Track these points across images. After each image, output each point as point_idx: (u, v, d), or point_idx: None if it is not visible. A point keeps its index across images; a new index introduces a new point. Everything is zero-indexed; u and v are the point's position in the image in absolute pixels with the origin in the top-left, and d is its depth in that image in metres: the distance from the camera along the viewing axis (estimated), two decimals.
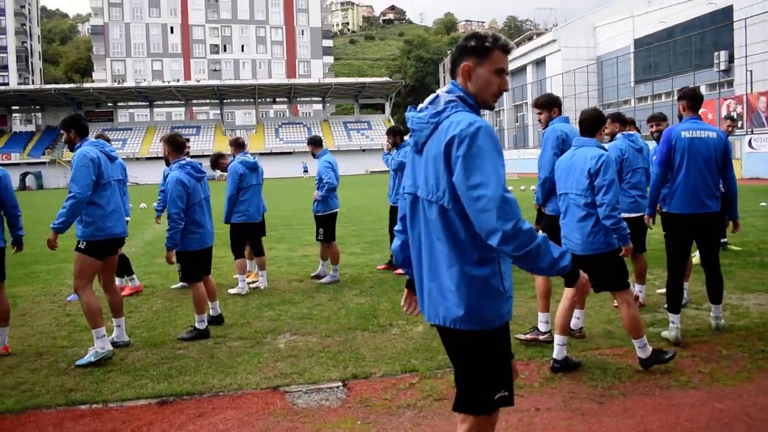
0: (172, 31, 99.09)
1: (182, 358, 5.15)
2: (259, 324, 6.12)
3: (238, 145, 7.87)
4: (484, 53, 2.45)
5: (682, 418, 3.78)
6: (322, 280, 8.12)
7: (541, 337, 5.19)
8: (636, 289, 6.25)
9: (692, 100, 5.37)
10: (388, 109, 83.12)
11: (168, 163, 6.18)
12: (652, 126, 6.85)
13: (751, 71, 35.04)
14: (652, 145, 6.66)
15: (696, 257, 8.42)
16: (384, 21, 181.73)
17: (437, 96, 2.50)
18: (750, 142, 31.33)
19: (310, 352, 5.18)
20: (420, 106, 2.53)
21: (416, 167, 2.52)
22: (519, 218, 2.20)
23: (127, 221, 6.83)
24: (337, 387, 4.40)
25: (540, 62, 63.41)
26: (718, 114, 36.38)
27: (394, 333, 5.67)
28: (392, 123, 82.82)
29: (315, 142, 8.33)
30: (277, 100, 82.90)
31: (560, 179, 4.73)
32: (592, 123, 4.63)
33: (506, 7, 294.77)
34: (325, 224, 8.08)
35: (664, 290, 5.91)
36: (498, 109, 74.39)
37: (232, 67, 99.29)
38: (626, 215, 5.42)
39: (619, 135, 6.30)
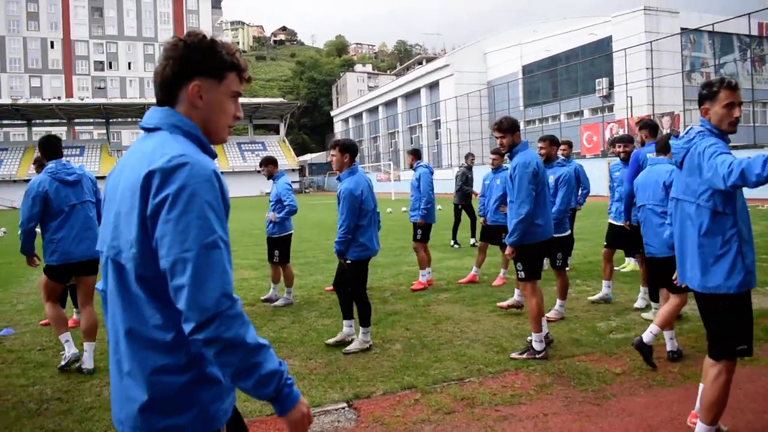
0: (52, 46, 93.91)
1: None
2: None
3: None
4: (713, 96, 3.33)
5: (675, 413, 4.10)
6: (276, 303, 8.02)
7: (538, 356, 5.37)
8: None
9: (652, 128, 6.11)
10: (282, 129, 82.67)
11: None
12: (619, 147, 7.35)
13: (631, 97, 37.82)
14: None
15: (631, 264, 9.12)
16: (275, 41, 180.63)
17: (690, 128, 3.41)
18: None
19: (299, 375, 5.12)
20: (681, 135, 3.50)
21: (677, 179, 3.50)
22: None
23: None
24: (343, 408, 4.39)
25: (434, 86, 65.27)
26: (603, 136, 38.97)
27: (375, 352, 5.71)
28: (287, 144, 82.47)
29: (273, 162, 8.27)
30: None
31: (637, 193, 5.43)
32: (665, 145, 5.29)
33: (395, 32, 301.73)
34: (281, 246, 8.01)
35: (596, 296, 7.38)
36: (393, 131, 75.88)
37: (118, 85, 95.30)
38: None
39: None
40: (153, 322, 1.66)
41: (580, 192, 9.26)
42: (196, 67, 1.77)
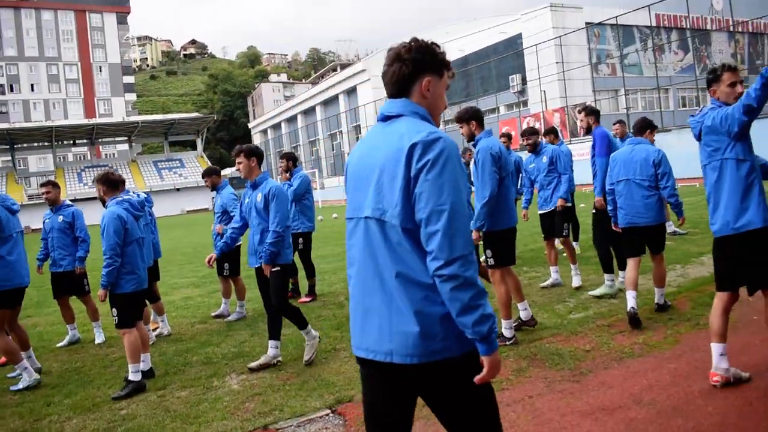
0: None
1: (133, 417, 4.67)
2: (194, 370, 5.74)
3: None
4: (717, 79, 4.07)
5: (651, 380, 4.28)
6: (229, 318, 7.80)
7: (508, 342, 5.46)
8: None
9: (597, 114, 6.45)
10: (200, 145, 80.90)
11: (104, 203, 5.71)
12: (527, 139, 7.65)
13: (544, 91, 39.08)
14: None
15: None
16: (185, 55, 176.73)
17: (704, 107, 4.11)
18: None
19: (273, 387, 5.00)
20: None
21: (701, 151, 4.12)
22: None
23: None
24: (327, 415, 4.32)
25: (351, 91, 65.44)
26: (520, 130, 40.04)
27: (344, 356, 5.65)
28: (205, 159, 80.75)
29: (217, 172, 8.04)
30: (77, 142, 77.25)
31: (618, 169, 5.83)
32: (643, 126, 6.12)
33: (308, 40, 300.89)
34: (231, 259, 7.81)
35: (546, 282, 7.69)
36: (313, 139, 75.58)
37: (21, 109, 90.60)
38: None
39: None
40: (416, 267, 2.06)
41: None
42: (425, 66, 2.23)
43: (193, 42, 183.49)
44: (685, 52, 48.58)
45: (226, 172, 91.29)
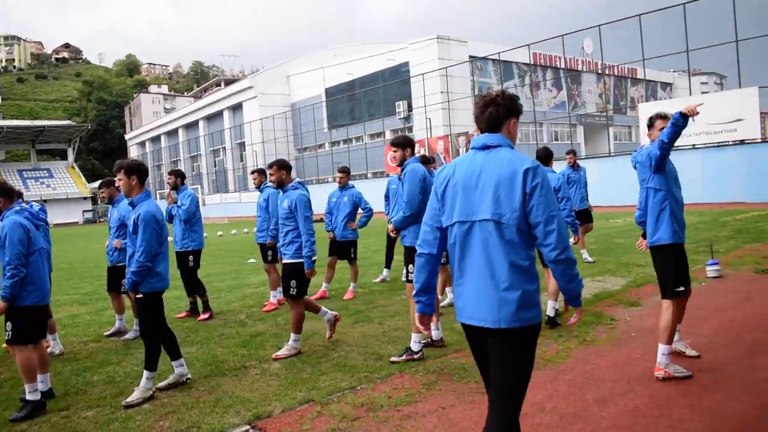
0: None
1: None
2: (97, 390, 5.53)
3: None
4: (652, 125, 5.15)
5: (550, 390, 4.67)
6: (126, 337, 7.55)
7: (415, 357, 5.72)
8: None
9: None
10: (71, 155, 76.75)
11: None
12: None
13: (429, 118, 40.47)
14: None
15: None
16: (57, 59, 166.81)
17: (643, 146, 5.26)
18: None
19: (187, 405, 4.94)
20: None
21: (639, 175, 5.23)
22: None
23: None
24: (248, 430, 4.37)
25: (237, 108, 64.59)
26: None
27: (255, 373, 5.68)
28: (77, 170, 76.60)
29: (113, 184, 7.61)
30: None
31: None
32: (547, 157, 7.38)
33: (189, 53, 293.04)
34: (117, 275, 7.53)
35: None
36: (195, 154, 73.68)
37: None
38: None
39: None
40: (522, 256, 2.82)
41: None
42: (512, 111, 2.99)
43: (67, 46, 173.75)
44: (558, 90, 52.05)
45: (95, 185, 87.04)
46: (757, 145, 25.28)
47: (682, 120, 4.64)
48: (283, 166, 6.49)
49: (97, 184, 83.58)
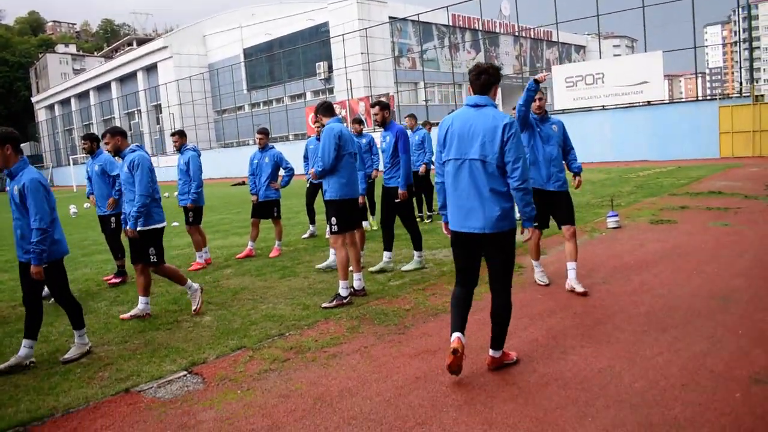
0: None
1: None
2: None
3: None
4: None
5: (471, 324, 5.12)
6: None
7: (344, 301, 6.24)
8: None
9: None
10: None
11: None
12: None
13: (350, 80, 40.48)
14: None
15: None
16: None
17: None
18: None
19: (124, 357, 5.17)
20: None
21: None
22: None
23: None
24: (184, 375, 4.66)
25: (151, 68, 62.37)
26: None
27: (188, 326, 5.95)
28: None
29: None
30: None
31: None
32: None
33: (97, 10, 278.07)
34: None
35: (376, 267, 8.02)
36: (108, 117, 70.98)
37: None
38: None
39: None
40: (500, 183, 4.03)
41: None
42: (497, 79, 4.16)
43: None
44: (477, 52, 52.85)
45: None
46: (662, 106, 26.82)
47: (534, 85, 5.82)
48: (117, 132, 6.70)
49: None
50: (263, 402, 4.03)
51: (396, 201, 7.66)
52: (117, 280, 8.40)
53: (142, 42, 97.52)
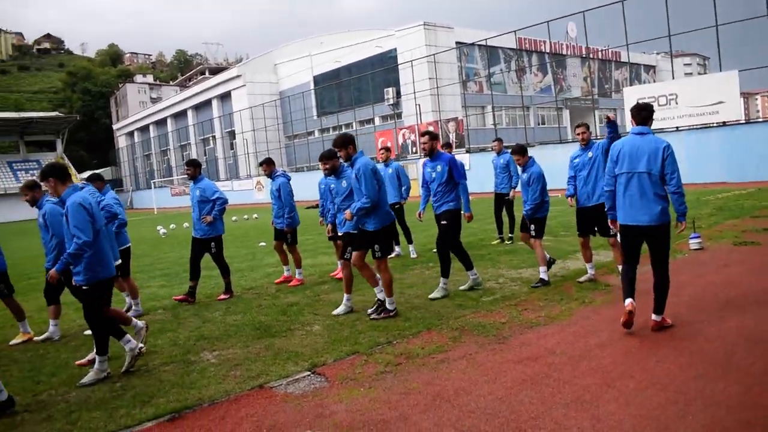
0: None
1: (132, 388, 5.35)
2: (167, 351, 6.41)
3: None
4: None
5: (559, 339, 5.58)
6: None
7: (391, 314, 6.98)
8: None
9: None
10: (60, 146, 76.49)
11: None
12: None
13: (419, 105, 41.22)
14: None
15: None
16: (39, 50, 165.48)
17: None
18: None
19: (250, 359, 5.78)
20: None
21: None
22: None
23: None
24: (308, 375, 5.23)
25: (225, 96, 64.92)
26: (396, 141, 41.93)
27: (301, 334, 6.55)
28: (66, 161, 76.57)
29: (101, 178, 8.41)
30: None
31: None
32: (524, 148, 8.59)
33: (172, 41, 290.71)
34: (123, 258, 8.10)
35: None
36: (185, 143, 73.91)
37: None
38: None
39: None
40: (660, 189, 5.51)
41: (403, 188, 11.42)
42: (653, 113, 5.76)
43: (48, 36, 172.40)
44: (543, 74, 52.91)
45: (85, 175, 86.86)
46: (739, 127, 26.31)
47: (610, 126, 7.35)
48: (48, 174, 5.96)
49: (86, 174, 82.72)
50: (386, 398, 4.54)
51: (443, 223, 7.97)
52: (225, 296, 9.06)
53: (214, 71, 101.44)
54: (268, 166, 9.99)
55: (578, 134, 8.18)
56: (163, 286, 10.81)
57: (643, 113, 5.72)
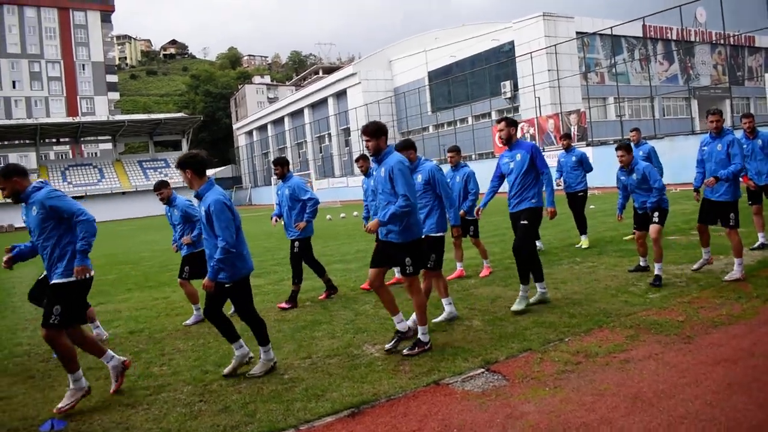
0: None
1: (301, 380, 5.31)
2: (325, 344, 6.43)
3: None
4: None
5: (753, 340, 5.05)
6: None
7: (426, 347, 5.81)
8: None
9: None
10: (185, 145, 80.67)
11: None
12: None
13: (539, 98, 40.17)
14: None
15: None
16: (165, 56, 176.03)
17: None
18: None
19: (415, 356, 5.68)
20: None
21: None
22: None
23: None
24: (483, 372, 5.03)
25: (341, 94, 66.15)
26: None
27: (462, 329, 6.36)
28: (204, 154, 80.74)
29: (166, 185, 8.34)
30: (61, 140, 76.73)
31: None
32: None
33: (287, 42, 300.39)
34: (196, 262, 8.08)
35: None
36: (300, 141, 75.98)
37: (2, 106, 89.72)
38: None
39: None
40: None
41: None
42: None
43: (174, 42, 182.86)
44: (670, 63, 50.19)
45: (209, 173, 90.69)
46: None
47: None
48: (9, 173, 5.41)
49: (209, 172, 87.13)
50: (578, 399, 4.27)
51: (522, 223, 7.02)
52: (286, 306, 8.48)
53: (327, 70, 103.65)
54: (364, 161, 9.25)
55: (711, 122, 7.78)
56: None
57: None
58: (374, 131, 5.73)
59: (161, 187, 8.22)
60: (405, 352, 5.73)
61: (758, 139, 9.22)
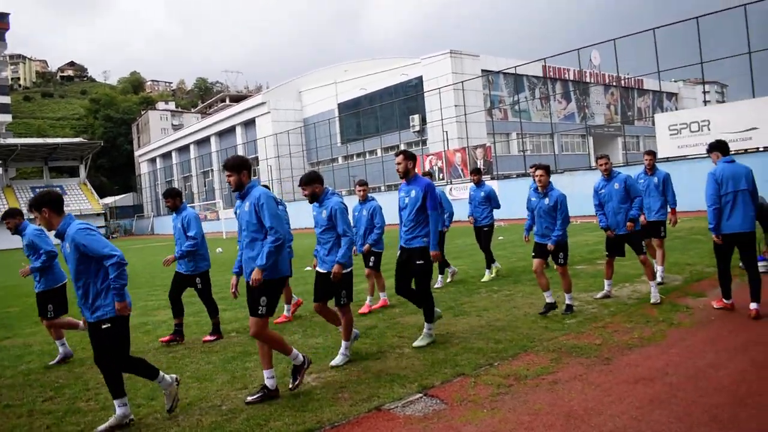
0: None
1: (238, 412, 5.36)
2: (252, 377, 6.44)
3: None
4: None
5: (665, 360, 5.51)
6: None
7: (272, 394, 5.60)
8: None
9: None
10: (83, 172, 77.61)
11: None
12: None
13: (446, 131, 41.47)
14: None
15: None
16: (62, 77, 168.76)
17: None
18: (450, 191, 36.98)
19: (352, 382, 5.74)
20: None
21: None
22: None
23: None
24: (421, 397, 5.21)
25: (249, 123, 65.71)
26: (422, 167, 42.07)
27: (395, 356, 6.53)
28: (89, 186, 77.52)
29: (20, 213, 7.72)
30: None
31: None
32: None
33: (193, 69, 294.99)
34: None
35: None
36: (207, 169, 74.54)
37: None
38: None
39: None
40: (756, 202, 7.29)
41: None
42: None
43: (72, 64, 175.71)
44: (567, 102, 53.16)
45: (108, 201, 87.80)
46: None
47: None
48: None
49: (109, 200, 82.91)
50: (516, 418, 4.54)
51: (419, 263, 6.92)
52: (211, 338, 8.37)
53: (235, 98, 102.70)
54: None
55: (600, 165, 8.53)
56: (224, 309, 10.83)
57: (726, 146, 7.40)
58: (234, 165, 5.56)
59: (8, 216, 7.45)
60: (248, 399, 5.52)
61: (655, 177, 9.72)
